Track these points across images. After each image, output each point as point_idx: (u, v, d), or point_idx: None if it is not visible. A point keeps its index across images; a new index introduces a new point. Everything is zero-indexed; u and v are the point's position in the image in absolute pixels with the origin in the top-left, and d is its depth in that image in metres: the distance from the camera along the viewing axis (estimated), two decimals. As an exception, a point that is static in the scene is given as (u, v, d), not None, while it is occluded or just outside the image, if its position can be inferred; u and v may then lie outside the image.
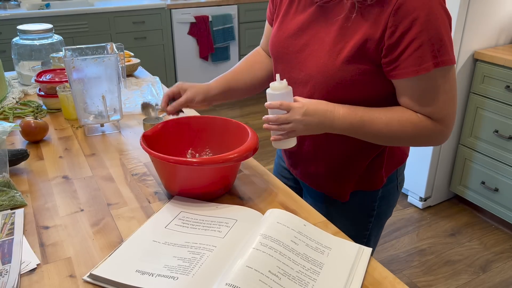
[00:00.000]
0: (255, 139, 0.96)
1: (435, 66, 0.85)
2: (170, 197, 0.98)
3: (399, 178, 1.13)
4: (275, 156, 1.34)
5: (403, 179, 1.16)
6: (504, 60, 2.10)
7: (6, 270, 0.76)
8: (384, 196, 1.10)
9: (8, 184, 1.00)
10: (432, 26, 0.83)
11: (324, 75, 0.93)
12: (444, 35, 0.85)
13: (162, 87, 1.70)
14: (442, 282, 2.03)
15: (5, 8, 3.42)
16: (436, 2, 0.84)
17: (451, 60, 0.87)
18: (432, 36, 0.84)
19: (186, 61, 4.00)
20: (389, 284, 0.74)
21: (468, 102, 2.34)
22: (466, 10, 2.10)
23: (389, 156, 1.05)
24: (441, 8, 0.85)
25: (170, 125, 1.06)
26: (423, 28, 0.83)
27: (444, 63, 0.86)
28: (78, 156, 1.19)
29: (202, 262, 0.75)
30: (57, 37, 1.86)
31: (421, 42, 0.84)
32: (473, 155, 2.38)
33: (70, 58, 1.21)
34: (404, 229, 2.40)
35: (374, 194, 1.08)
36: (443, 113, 0.91)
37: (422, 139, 0.94)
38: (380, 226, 1.17)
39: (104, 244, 0.84)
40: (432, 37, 0.84)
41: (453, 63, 0.88)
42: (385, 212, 1.15)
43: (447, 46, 0.86)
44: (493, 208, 2.34)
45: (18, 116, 1.43)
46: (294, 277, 0.72)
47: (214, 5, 3.89)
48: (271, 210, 0.87)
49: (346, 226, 1.00)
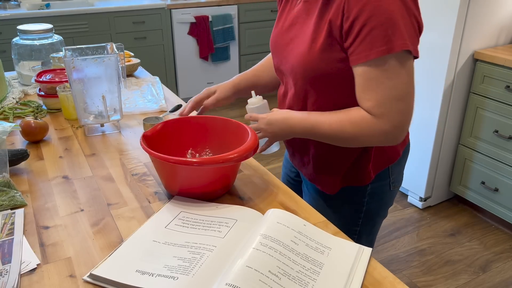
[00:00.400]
0: (255, 139, 0.96)
1: (384, 53, 0.84)
2: (170, 197, 0.98)
3: (392, 177, 1.12)
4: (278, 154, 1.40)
5: (399, 180, 1.16)
6: (504, 60, 2.10)
7: (6, 270, 0.76)
8: (374, 193, 1.10)
9: (8, 184, 1.00)
10: (383, 11, 0.82)
11: (304, 66, 0.96)
12: (397, 21, 0.83)
13: (162, 87, 1.70)
14: (442, 282, 2.03)
15: (5, 8, 3.42)
16: None
17: (405, 45, 0.84)
18: (383, 22, 0.83)
19: (186, 61, 4.00)
20: (389, 284, 0.74)
21: (468, 102, 2.34)
22: (466, 10, 2.10)
23: (378, 152, 1.05)
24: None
25: (170, 125, 1.06)
26: (373, 13, 0.83)
27: (393, 49, 0.84)
28: (78, 156, 1.19)
29: (202, 262, 0.75)
30: (57, 37, 1.86)
31: (371, 27, 0.83)
32: (473, 155, 2.38)
33: (70, 58, 1.21)
34: (404, 229, 2.40)
35: (363, 190, 1.09)
36: (384, 109, 0.88)
37: (363, 138, 0.93)
38: (372, 224, 1.17)
39: (104, 244, 0.84)
40: (383, 23, 0.83)
41: (406, 47, 0.84)
42: (377, 211, 1.15)
43: (402, 33, 0.84)
44: (493, 208, 2.34)
45: (18, 116, 1.43)
46: (294, 277, 0.72)
47: (214, 5, 3.89)
48: (271, 210, 0.87)
49: (337, 220, 1.03)
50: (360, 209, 1.12)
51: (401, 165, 1.14)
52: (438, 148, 2.41)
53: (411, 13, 0.86)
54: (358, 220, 1.13)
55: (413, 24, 0.86)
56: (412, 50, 0.86)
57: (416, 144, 2.47)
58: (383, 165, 1.08)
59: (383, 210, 1.17)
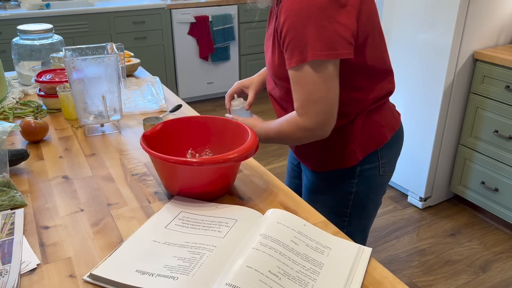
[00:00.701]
0: (255, 139, 0.96)
1: (299, 62, 0.96)
2: (170, 197, 0.98)
3: (382, 162, 1.17)
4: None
5: (390, 166, 1.20)
6: (504, 60, 2.10)
7: (6, 270, 0.76)
8: (363, 175, 1.16)
9: (8, 184, 1.00)
10: (298, 26, 0.94)
11: (273, 73, 1.10)
12: (311, 34, 0.94)
13: (162, 87, 1.70)
14: (442, 282, 2.03)
15: (5, 8, 3.42)
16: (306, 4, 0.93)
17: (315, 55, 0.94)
18: (297, 35, 0.95)
19: (186, 61, 4.00)
20: (389, 284, 0.74)
21: (468, 102, 2.34)
22: (466, 10, 2.11)
23: (363, 133, 1.12)
24: (314, 9, 0.93)
25: (170, 125, 1.06)
26: (290, 28, 0.95)
27: (306, 59, 0.95)
28: (78, 156, 1.19)
29: (202, 262, 0.75)
30: (57, 37, 1.86)
31: (290, 39, 0.97)
32: (473, 155, 2.38)
33: (70, 58, 1.21)
34: (404, 229, 2.40)
35: (353, 171, 1.16)
36: (304, 109, 1.00)
37: (295, 135, 1.05)
38: (362, 207, 1.21)
39: (104, 244, 0.84)
40: (297, 36, 0.95)
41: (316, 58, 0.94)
42: (366, 193, 1.19)
43: (315, 44, 0.94)
44: (493, 208, 2.34)
45: (18, 116, 1.43)
46: (294, 277, 0.72)
47: (214, 5, 3.89)
48: (271, 210, 0.87)
49: (329, 201, 1.18)
50: (350, 190, 1.18)
51: (392, 151, 1.19)
52: (438, 148, 2.41)
53: (334, 21, 0.94)
54: (348, 202, 1.19)
55: (336, 31, 0.94)
56: (326, 57, 0.95)
57: (416, 144, 2.47)
58: (370, 148, 1.14)
59: (373, 194, 1.21)
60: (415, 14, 2.29)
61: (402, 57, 2.42)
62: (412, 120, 2.46)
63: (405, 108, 2.48)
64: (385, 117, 1.15)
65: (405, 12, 2.34)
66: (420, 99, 2.38)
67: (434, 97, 2.30)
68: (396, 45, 2.44)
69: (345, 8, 0.95)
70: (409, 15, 2.32)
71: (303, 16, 0.93)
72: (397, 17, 2.39)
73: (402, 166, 2.60)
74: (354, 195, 1.18)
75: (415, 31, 2.31)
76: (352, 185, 1.17)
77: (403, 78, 2.45)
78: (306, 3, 0.93)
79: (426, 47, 2.27)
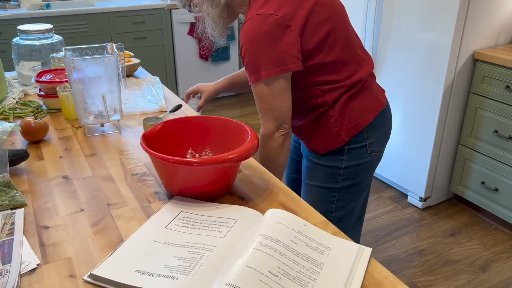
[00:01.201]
0: (255, 139, 0.96)
1: (255, 81, 1.17)
2: (170, 197, 0.98)
3: (369, 141, 1.29)
4: None
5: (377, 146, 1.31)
6: (504, 60, 2.10)
7: (6, 270, 0.76)
8: (351, 152, 1.29)
9: (8, 184, 1.00)
10: (250, 50, 1.14)
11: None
12: (262, 56, 1.13)
13: (162, 87, 1.70)
14: (442, 282, 2.03)
15: (5, 8, 3.42)
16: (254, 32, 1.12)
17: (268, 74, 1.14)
18: (250, 59, 1.15)
19: (186, 61, 4.00)
20: (389, 284, 0.74)
21: (468, 102, 2.34)
22: (466, 10, 2.11)
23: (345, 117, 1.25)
24: (261, 36, 1.12)
25: (170, 125, 1.06)
26: (245, 53, 1.16)
27: (260, 78, 1.15)
28: (78, 156, 1.19)
29: (202, 262, 0.75)
30: (57, 37, 1.86)
31: (246, 62, 1.17)
32: (473, 155, 2.38)
33: (70, 58, 1.21)
34: (404, 229, 2.40)
35: (342, 150, 1.29)
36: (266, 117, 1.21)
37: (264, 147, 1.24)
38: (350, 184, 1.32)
39: (104, 244, 0.84)
40: (251, 60, 1.15)
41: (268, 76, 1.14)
42: (355, 170, 1.31)
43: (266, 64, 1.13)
44: (493, 208, 2.34)
45: (18, 116, 1.43)
46: (294, 277, 0.72)
47: (214, 5, 3.88)
48: (271, 210, 0.87)
49: (321, 177, 1.33)
50: (340, 166, 1.31)
51: (378, 131, 1.30)
52: (438, 148, 2.41)
53: (280, 42, 1.12)
54: (338, 177, 1.32)
55: (283, 50, 1.13)
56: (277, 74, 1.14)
57: (416, 144, 2.47)
58: (355, 130, 1.26)
59: (362, 171, 1.32)
60: (415, 14, 2.29)
61: (402, 57, 2.42)
62: (412, 120, 2.46)
63: (405, 108, 2.48)
64: (366, 100, 1.27)
65: (405, 12, 2.34)
66: (420, 99, 2.38)
67: (434, 97, 2.30)
68: (396, 45, 2.44)
69: (289, 28, 1.12)
70: (409, 15, 2.32)
71: (254, 43, 1.13)
72: (397, 17, 2.39)
73: (402, 166, 2.60)
74: (343, 170, 1.30)
75: (415, 31, 2.31)
76: (342, 162, 1.30)
77: (403, 78, 2.45)
78: (255, 31, 1.12)
79: (426, 47, 2.27)
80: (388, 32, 2.46)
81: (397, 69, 2.46)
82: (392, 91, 2.53)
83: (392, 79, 2.52)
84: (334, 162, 1.30)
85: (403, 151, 2.57)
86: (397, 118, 2.55)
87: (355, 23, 2.66)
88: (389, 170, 2.71)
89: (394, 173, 2.68)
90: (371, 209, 2.58)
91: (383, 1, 2.44)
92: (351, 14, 2.67)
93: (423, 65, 2.31)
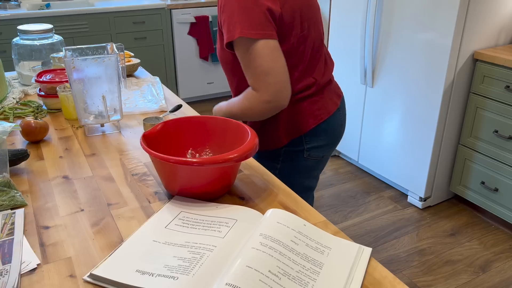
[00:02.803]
0: (255, 139, 0.96)
1: (230, 39, 1.10)
2: (170, 197, 0.98)
3: (307, 146, 1.31)
4: None
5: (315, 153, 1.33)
6: (504, 60, 2.10)
7: (6, 270, 0.76)
8: (288, 154, 1.32)
9: (9, 184, 1.00)
10: (228, 7, 1.09)
11: (219, 58, 1.25)
12: (234, 15, 1.07)
13: (162, 87, 1.70)
14: (442, 282, 2.03)
15: (5, 8, 3.42)
16: None
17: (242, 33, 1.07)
18: (227, 16, 1.09)
19: (186, 61, 4.00)
20: (389, 284, 0.74)
21: (468, 102, 2.34)
22: (466, 10, 2.11)
23: (288, 121, 1.27)
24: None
25: (170, 125, 1.06)
26: (224, 9, 1.10)
27: (234, 36, 1.08)
28: (78, 156, 1.19)
29: (202, 262, 0.75)
30: (57, 37, 1.86)
31: (224, 18, 1.11)
32: (473, 155, 2.38)
33: (70, 58, 1.21)
34: (404, 229, 2.40)
35: (279, 151, 1.33)
36: (259, 83, 1.11)
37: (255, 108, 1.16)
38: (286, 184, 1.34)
39: (104, 244, 0.84)
40: (228, 16, 1.09)
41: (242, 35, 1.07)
42: (290, 171, 1.34)
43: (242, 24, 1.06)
44: (493, 208, 2.34)
45: (18, 116, 1.43)
46: (294, 277, 0.72)
47: (214, 5, 3.89)
48: (271, 210, 0.87)
49: None
50: (276, 166, 1.35)
51: (320, 139, 1.31)
52: (438, 148, 2.41)
53: (260, 4, 1.07)
54: (275, 171, 1.35)
55: (263, 13, 1.07)
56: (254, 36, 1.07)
57: (416, 144, 2.47)
58: (294, 134, 1.29)
59: (296, 173, 1.35)
60: (415, 14, 2.29)
61: (402, 57, 2.42)
62: (412, 120, 2.46)
63: (405, 108, 2.48)
64: (311, 108, 1.27)
65: (405, 12, 2.34)
66: (420, 99, 2.38)
67: (434, 97, 2.30)
68: (396, 45, 2.44)
69: None
70: (409, 15, 2.32)
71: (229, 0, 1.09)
72: (397, 17, 2.39)
73: (402, 166, 2.60)
74: (278, 170, 1.34)
75: (415, 31, 2.31)
76: (278, 161, 1.34)
77: (403, 78, 2.45)
78: None
79: (426, 47, 2.28)
80: (388, 32, 2.46)
81: (397, 69, 2.47)
82: (392, 91, 2.53)
83: (392, 79, 2.52)
84: (271, 161, 1.34)
85: (403, 151, 2.57)
86: (397, 118, 2.55)
87: (355, 23, 2.66)
88: (389, 170, 2.71)
89: (394, 173, 2.68)
90: (371, 209, 2.58)
91: (383, 1, 2.44)
92: (351, 14, 2.67)
93: (423, 65, 2.31)
